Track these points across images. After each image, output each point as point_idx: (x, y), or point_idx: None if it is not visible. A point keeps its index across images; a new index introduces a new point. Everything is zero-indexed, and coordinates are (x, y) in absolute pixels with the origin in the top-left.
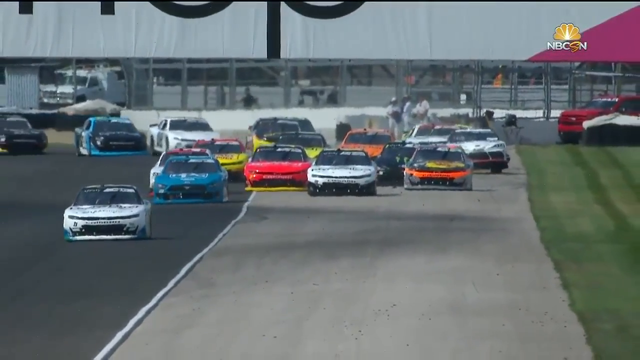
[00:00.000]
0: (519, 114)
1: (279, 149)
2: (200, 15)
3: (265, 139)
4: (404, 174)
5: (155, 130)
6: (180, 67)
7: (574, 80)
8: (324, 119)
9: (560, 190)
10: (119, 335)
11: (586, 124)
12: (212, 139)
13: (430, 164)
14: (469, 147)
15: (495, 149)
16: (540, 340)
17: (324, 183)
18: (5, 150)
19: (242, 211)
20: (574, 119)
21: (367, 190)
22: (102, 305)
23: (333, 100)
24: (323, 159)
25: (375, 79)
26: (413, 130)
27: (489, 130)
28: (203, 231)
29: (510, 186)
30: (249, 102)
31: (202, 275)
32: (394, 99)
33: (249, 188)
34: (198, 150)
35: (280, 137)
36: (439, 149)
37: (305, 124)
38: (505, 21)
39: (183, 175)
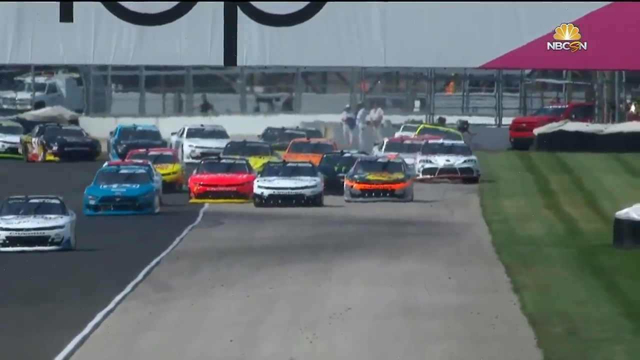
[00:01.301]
0: (471, 120)
1: (224, 161)
2: (158, 23)
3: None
4: (344, 185)
5: (174, 139)
6: (138, 74)
7: (524, 87)
8: (279, 125)
9: (511, 195)
10: (77, 338)
11: (537, 130)
12: (146, 149)
13: (370, 176)
14: (439, 161)
15: (465, 165)
16: (492, 342)
17: (269, 195)
18: (57, 158)
19: (198, 216)
20: (524, 125)
21: (313, 201)
22: (60, 308)
23: (288, 106)
24: (269, 170)
25: (330, 86)
26: (382, 144)
27: (462, 142)
28: (160, 236)
29: (463, 191)
30: (205, 108)
31: (159, 279)
32: (348, 105)
33: (192, 200)
34: (140, 161)
35: (247, 144)
36: (380, 159)
37: (315, 134)
38: (458, 29)
39: (114, 186)
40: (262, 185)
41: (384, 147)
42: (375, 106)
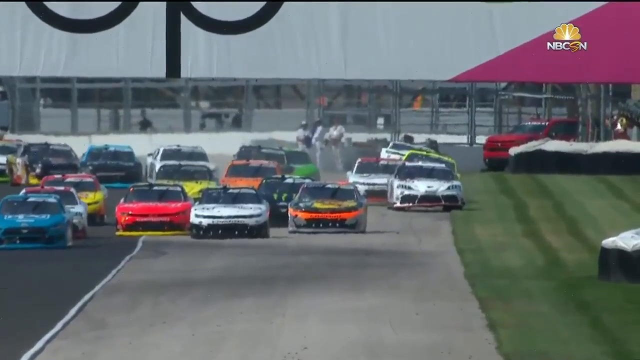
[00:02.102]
0: (441, 139)
1: (155, 188)
2: (92, 30)
3: None
4: (289, 215)
5: (150, 160)
6: (70, 87)
7: (500, 102)
8: (228, 145)
9: (485, 222)
10: None
11: (513, 150)
12: (62, 175)
13: (317, 204)
14: (420, 187)
15: (449, 192)
16: None
17: (208, 224)
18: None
19: (137, 246)
20: (500, 144)
21: (258, 231)
22: None
23: (238, 123)
24: (207, 197)
25: (284, 101)
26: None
27: (443, 165)
28: (94, 267)
29: (432, 217)
30: (145, 125)
31: (94, 315)
32: (304, 122)
33: (120, 233)
34: (62, 188)
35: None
36: (328, 185)
37: (301, 156)
38: (427, 37)
39: (20, 217)
40: (200, 214)
41: (354, 170)
42: (335, 123)
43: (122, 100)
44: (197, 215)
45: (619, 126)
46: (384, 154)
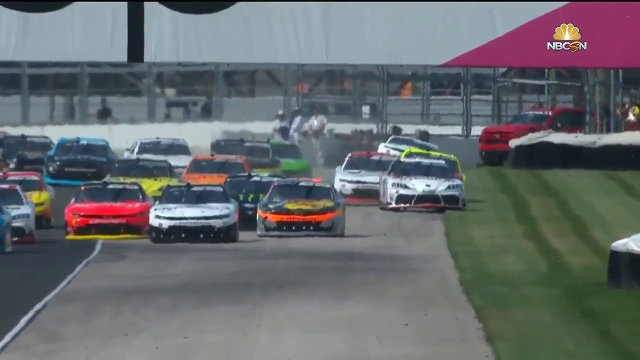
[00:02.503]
0: (433, 130)
1: (110, 186)
2: (46, 9)
3: None
4: (257, 217)
5: (126, 155)
6: (20, 73)
7: (498, 89)
8: (197, 137)
9: (482, 222)
10: None
11: (513, 142)
12: (4, 173)
13: (289, 205)
14: (418, 186)
15: (449, 192)
16: None
17: (170, 227)
18: None
19: (95, 249)
20: (498, 136)
21: (225, 234)
22: None
23: (207, 113)
24: (169, 197)
25: (258, 88)
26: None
27: (442, 162)
28: (46, 274)
29: (423, 217)
30: (104, 115)
31: (46, 327)
32: (281, 112)
33: (71, 236)
34: (7, 186)
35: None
36: (302, 183)
37: (291, 150)
38: (417, 19)
39: None
40: (160, 215)
41: (343, 166)
42: (315, 113)
43: (78, 87)
44: (157, 217)
45: (630, 116)
46: (382, 148)
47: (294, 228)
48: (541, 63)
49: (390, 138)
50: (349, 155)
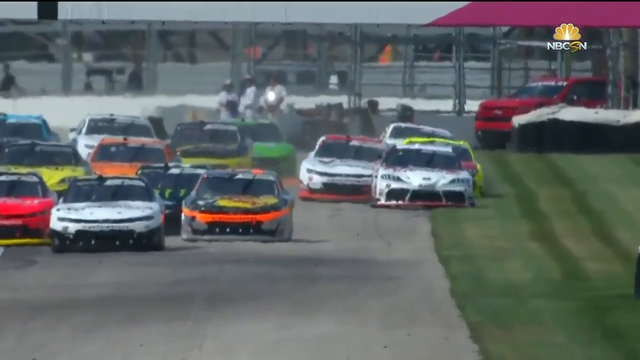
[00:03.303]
0: (418, 105)
1: (2, 178)
2: None
3: (178, 154)
4: (182, 217)
5: (72, 136)
6: None
7: (499, 54)
8: (123, 113)
9: (479, 219)
10: None
11: (517, 120)
12: None
13: (223, 202)
14: (413, 179)
15: (453, 187)
16: None
17: (77, 231)
18: None
19: None
20: (499, 112)
21: (148, 241)
22: None
23: (137, 83)
24: (76, 192)
25: (201, 52)
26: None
27: (449, 150)
28: None
29: (404, 213)
30: (7, 84)
31: None
32: (228, 81)
33: None
34: None
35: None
36: (239, 175)
37: (269, 130)
38: None
39: None
40: (64, 217)
41: (315, 150)
42: (272, 83)
43: None
44: (60, 219)
45: None
46: (388, 140)
47: (228, 230)
48: (552, 21)
49: (390, 128)
50: (322, 139)
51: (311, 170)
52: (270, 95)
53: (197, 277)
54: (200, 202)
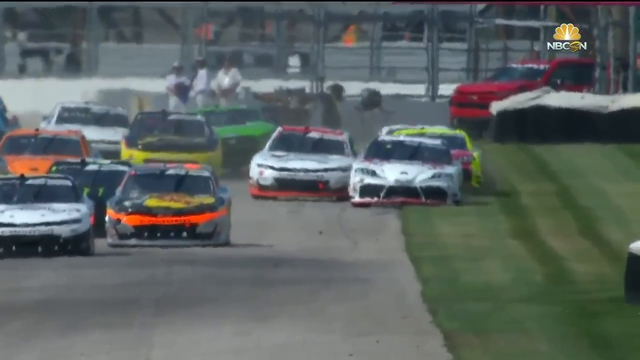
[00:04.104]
0: (385, 89)
1: None
2: None
3: (140, 147)
4: (107, 219)
5: (43, 126)
6: None
7: (476, 33)
8: (61, 97)
9: (454, 215)
10: None
11: (496, 106)
12: None
13: (152, 202)
14: (389, 174)
15: (433, 182)
16: None
17: None
18: None
19: None
20: (475, 97)
21: (74, 246)
22: None
23: (75, 65)
24: None
25: (147, 31)
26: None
27: (437, 142)
28: None
29: (373, 209)
30: None
31: None
32: (177, 64)
33: None
34: None
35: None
36: (170, 172)
37: (248, 113)
38: None
39: None
40: None
41: (270, 141)
42: (226, 66)
43: None
44: None
45: None
46: (385, 136)
47: (158, 234)
48: None
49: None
50: (278, 130)
51: (262, 165)
52: (224, 79)
53: (143, 280)
54: (127, 203)
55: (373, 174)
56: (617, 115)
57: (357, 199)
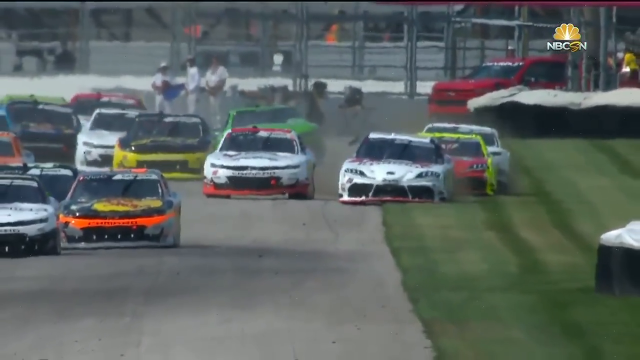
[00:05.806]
0: (367, 87)
1: None
2: None
3: (132, 149)
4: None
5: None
6: None
7: (453, 33)
8: (58, 94)
9: (432, 208)
10: None
11: (473, 103)
12: None
13: (100, 205)
14: (377, 173)
15: (419, 182)
16: None
17: None
18: None
19: None
20: (453, 94)
21: (41, 246)
22: None
23: (68, 63)
24: None
25: (136, 31)
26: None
27: (426, 140)
28: None
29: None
30: None
31: None
32: (164, 63)
33: None
34: None
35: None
36: (118, 176)
37: (290, 113)
38: None
39: None
40: None
41: (221, 142)
42: (213, 64)
43: None
44: None
45: (625, 67)
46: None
47: (106, 237)
48: None
49: (427, 126)
50: (227, 132)
51: (215, 165)
52: (211, 78)
53: (133, 270)
54: (74, 207)
55: (361, 174)
56: (589, 112)
57: (345, 197)
